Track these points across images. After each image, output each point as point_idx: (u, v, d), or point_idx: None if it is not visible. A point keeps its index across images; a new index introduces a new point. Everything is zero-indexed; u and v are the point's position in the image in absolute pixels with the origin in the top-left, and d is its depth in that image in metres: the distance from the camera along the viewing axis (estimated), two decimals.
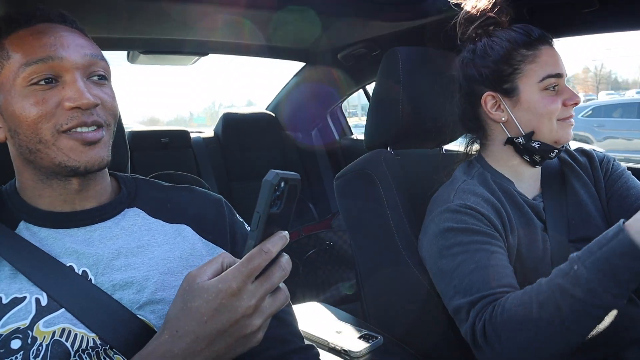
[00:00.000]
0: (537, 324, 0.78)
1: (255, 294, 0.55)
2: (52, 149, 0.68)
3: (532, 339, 0.79)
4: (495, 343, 0.82)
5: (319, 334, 1.09)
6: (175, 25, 1.68)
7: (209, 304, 0.54)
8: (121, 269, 0.71)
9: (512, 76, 1.02)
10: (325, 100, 2.62)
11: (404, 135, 1.28)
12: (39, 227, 0.72)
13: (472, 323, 0.87)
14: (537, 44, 1.01)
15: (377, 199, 1.21)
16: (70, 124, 0.68)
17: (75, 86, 0.68)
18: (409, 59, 1.25)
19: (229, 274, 0.55)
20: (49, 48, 0.68)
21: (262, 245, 0.55)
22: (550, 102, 1.00)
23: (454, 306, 0.92)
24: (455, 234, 0.96)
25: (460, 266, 0.93)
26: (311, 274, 2.29)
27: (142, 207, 0.80)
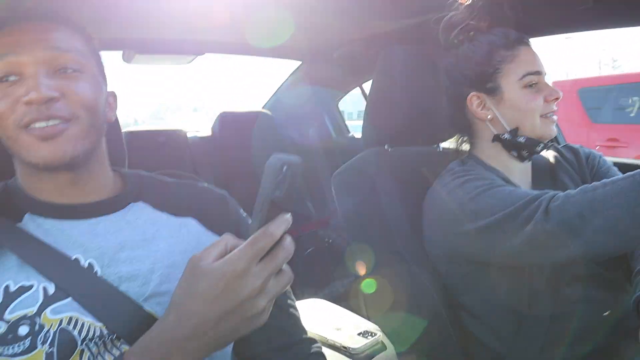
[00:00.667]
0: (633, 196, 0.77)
1: (260, 275, 0.55)
2: (16, 144, 0.69)
3: (627, 211, 0.77)
4: (589, 213, 0.80)
5: (319, 331, 1.10)
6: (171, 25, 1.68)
7: (215, 286, 0.54)
8: (126, 262, 0.72)
9: (494, 76, 1.06)
10: (322, 98, 2.62)
11: (401, 133, 1.29)
12: (43, 217, 0.73)
13: (545, 205, 0.85)
14: (515, 45, 1.06)
15: (374, 196, 1.22)
16: (26, 119, 0.67)
17: (32, 81, 0.68)
18: (406, 57, 1.25)
19: (234, 255, 0.55)
20: (9, 46, 0.69)
21: (266, 227, 0.55)
22: (532, 99, 1.05)
23: (509, 212, 0.89)
24: (471, 182, 0.99)
25: (495, 196, 0.94)
26: (310, 272, 2.30)
27: (147, 201, 0.81)
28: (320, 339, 1.08)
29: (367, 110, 1.35)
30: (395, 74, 1.24)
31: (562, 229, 0.82)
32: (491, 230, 0.92)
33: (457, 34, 1.11)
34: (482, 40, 1.08)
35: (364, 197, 1.25)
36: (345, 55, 2.06)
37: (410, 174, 1.27)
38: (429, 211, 1.09)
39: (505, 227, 0.90)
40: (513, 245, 0.89)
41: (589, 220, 0.79)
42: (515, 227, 0.88)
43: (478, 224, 0.94)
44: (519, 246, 0.88)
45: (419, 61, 1.28)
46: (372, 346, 1.06)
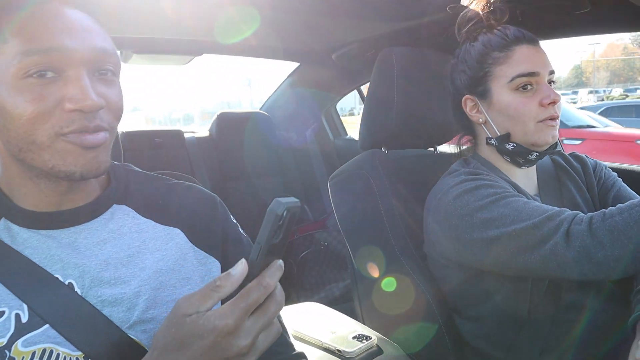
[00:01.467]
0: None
1: (251, 332, 0.52)
2: (46, 152, 0.60)
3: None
4: (608, 240, 0.79)
5: (313, 334, 1.09)
6: (169, 25, 1.67)
7: (204, 342, 0.52)
8: (110, 282, 0.66)
9: (484, 79, 1.04)
10: (320, 100, 2.62)
11: (398, 136, 1.28)
12: (19, 227, 0.65)
13: (567, 226, 0.83)
14: (510, 45, 1.01)
15: (371, 199, 1.22)
16: (71, 128, 0.59)
17: (79, 84, 0.59)
18: (404, 60, 1.25)
19: (227, 309, 0.52)
20: (53, 36, 0.58)
21: (260, 279, 0.53)
22: (522, 104, 1.00)
23: (527, 226, 0.86)
24: (480, 189, 0.95)
25: (508, 206, 0.90)
26: (305, 275, 2.30)
27: (132, 205, 0.73)
28: (314, 342, 1.08)
29: (364, 113, 1.34)
30: (392, 76, 1.23)
31: (581, 254, 0.81)
32: (502, 241, 0.89)
33: (467, 30, 1.08)
34: (480, 40, 1.05)
35: (361, 199, 1.25)
36: (343, 57, 2.06)
37: (407, 177, 1.27)
38: (433, 213, 1.05)
39: (520, 242, 0.86)
40: (527, 261, 0.86)
41: (609, 249, 0.78)
42: (532, 243, 0.85)
43: (488, 233, 0.90)
44: (534, 262, 0.86)
45: (416, 63, 1.28)
46: (367, 350, 1.05)
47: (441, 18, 1.45)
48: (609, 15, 1.24)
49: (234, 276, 0.53)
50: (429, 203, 1.08)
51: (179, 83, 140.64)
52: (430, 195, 1.09)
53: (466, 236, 0.94)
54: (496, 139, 1.05)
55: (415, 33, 1.61)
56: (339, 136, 2.82)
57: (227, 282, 0.53)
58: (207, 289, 0.53)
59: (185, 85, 77.29)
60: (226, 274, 0.53)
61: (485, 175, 1.01)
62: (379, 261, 1.21)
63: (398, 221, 1.19)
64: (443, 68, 1.31)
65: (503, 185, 0.98)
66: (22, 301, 0.61)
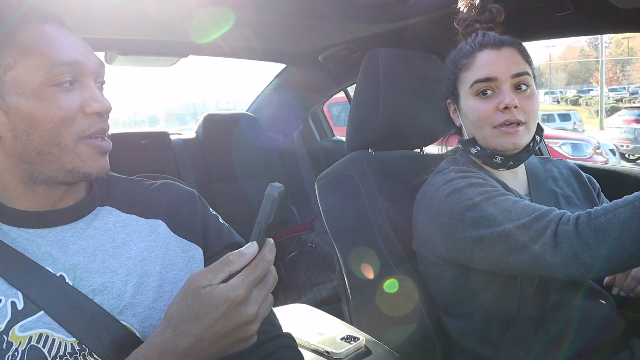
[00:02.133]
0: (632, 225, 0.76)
1: (257, 301, 0.60)
2: (68, 154, 0.67)
3: (634, 237, 0.76)
4: (594, 241, 0.79)
5: (301, 336, 1.09)
6: (155, 26, 1.66)
7: (218, 311, 0.58)
8: (99, 272, 0.70)
9: (455, 84, 1.08)
10: (307, 101, 2.62)
11: (384, 137, 1.29)
12: (8, 226, 0.69)
13: (554, 227, 0.82)
14: (474, 51, 1.04)
15: (358, 200, 1.22)
16: (92, 130, 0.68)
17: (94, 92, 0.69)
18: (390, 61, 1.26)
19: (237, 282, 0.58)
20: (75, 50, 0.68)
21: (262, 254, 0.60)
22: (477, 109, 1.01)
23: (516, 226, 0.86)
24: (471, 188, 0.95)
25: (498, 205, 0.90)
26: (293, 276, 2.29)
27: (115, 205, 0.78)
28: (303, 344, 1.08)
29: (351, 114, 1.34)
30: (379, 77, 1.24)
31: (569, 255, 0.81)
32: (492, 241, 0.89)
33: (461, 33, 1.10)
34: (457, 46, 1.08)
35: (348, 200, 1.25)
36: (329, 58, 2.06)
37: (394, 178, 1.27)
38: (424, 211, 1.05)
39: (509, 242, 0.87)
40: (516, 261, 0.87)
41: (594, 249, 0.79)
42: (521, 243, 0.86)
43: (478, 232, 0.91)
44: (522, 262, 0.86)
45: (402, 65, 1.29)
46: (356, 351, 1.05)
47: (426, 20, 1.46)
48: (591, 17, 1.26)
49: (245, 254, 0.60)
50: (419, 201, 1.09)
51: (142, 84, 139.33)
52: (420, 194, 1.10)
53: (456, 234, 0.95)
54: (461, 142, 1.09)
55: (400, 35, 1.62)
56: (326, 137, 2.82)
57: (240, 258, 0.60)
58: (220, 264, 0.60)
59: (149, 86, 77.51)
60: (238, 252, 0.60)
61: (475, 173, 1.01)
62: (367, 262, 1.21)
63: (385, 222, 1.20)
64: (428, 69, 1.32)
65: (493, 184, 0.99)
66: (17, 290, 0.65)
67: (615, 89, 31.92)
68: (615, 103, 27.52)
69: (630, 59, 34.62)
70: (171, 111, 63.11)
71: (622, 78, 34.37)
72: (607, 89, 30.42)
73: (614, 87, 32.21)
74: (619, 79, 34.18)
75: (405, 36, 1.61)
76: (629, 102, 27.60)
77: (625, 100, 28.18)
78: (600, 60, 24.91)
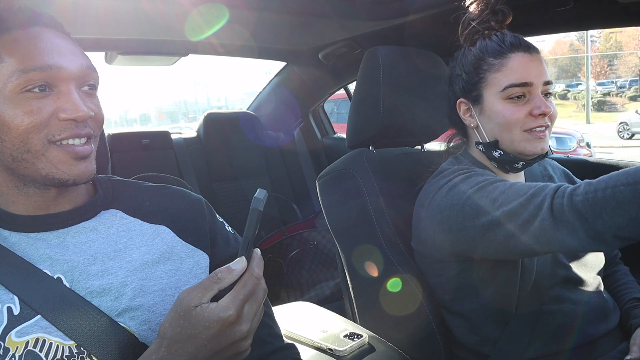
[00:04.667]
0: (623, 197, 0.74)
1: (249, 317, 0.60)
2: (40, 160, 0.66)
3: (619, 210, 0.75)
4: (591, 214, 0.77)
5: (304, 333, 1.09)
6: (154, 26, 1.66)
7: (210, 331, 0.58)
8: (98, 275, 0.69)
9: (478, 85, 1.03)
10: (307, 99, 2.62)
11: (385, 134, 1.29)
12: (9, 231, 0.69)
13: (550, 200, 0.81)
14: (506, 52, 1.00)
15: (359, 198, 1.22)
16: (63, 135, 0.66)
17: (70, 97, 0.66)
18: (390, 58, 1.26)
19: (227, 302, 0.58)
20: (47, 56, 0.65)
21: (251, 270, 0.61)
22: (511, 113, 0.99)
23: (513, 208, 0.86)
24: (469, 179, 0.96)
25: (496, 189, 0.90)
26: (295, 274, 2.29)
27: (120, 208, 0.77)
28: (306, 341, 1.08)
29: (351, 111, 1.34)
30: (379, 74, 1.24)
31: (566, 228, 0.79)
32: (494, 226, 0.89)
33: (468, 32, 1.07)
34: (478, 45, 1.05)
35: (349, 198, 1.25)
36: (330, 56, 2.06)
37: (395, 175, 1.27)
38: (426, 210, 1.05)
39: (510, 223, 0.86)
40: (520, 241, 0.86)
41: (591, 223, 0.77)
42: (521, 225, 0.85)
43: (480, 220, 0.90)
44: (528, 244, 0.85)
45: (402, 62, 1.29)
46: (359, 348, 1.05)
47: (425, 17, 1.46)
48: (591, 11, 1.26)
49: (234, 270, 0.60)
50: (421, 201, 1.09)
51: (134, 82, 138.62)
52: (422, 195, 1.10)
53: (458, 226, 0.95)
54: (483, 144, 1.05)
55: (400, 32, 1.61)
56: (327, 135, 2.82)
57: (229, 275, 0.60)
58: (209, 281, 0.60)
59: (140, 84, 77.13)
60: (226, 268, 0.60)
61: (473, 170, 1.02)
62: (369, 260, 1.22)
63: (387, 219, 1.20)
64: (428, 66, 1.31)
65: (491, 175, 0.98)
66: (14, 294, 0.65)
67: (603, 83, 31.75)
68: (602, 97, 27.57)
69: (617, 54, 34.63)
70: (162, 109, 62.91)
71: (609, 72, 34.31)
72: (595, 83, 30.39)
73: (601, 82, 32.02)
74: (606, 73, 34.11)
75: (405, 33, 1.61)
76: (616, 95, 27.66)
77: (612, 94, 28.22)
78: (586, 55, 24.92)
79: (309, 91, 2.52)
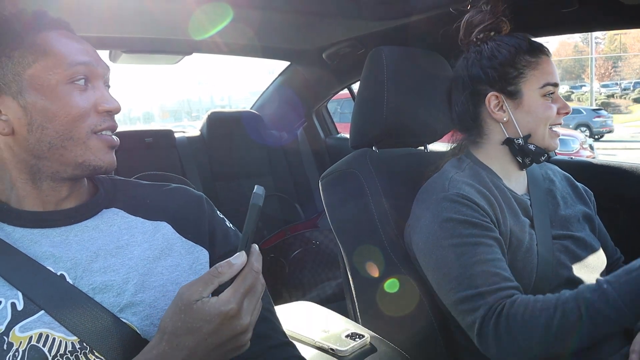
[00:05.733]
0: (553, 329, 0.84)
1: (249, 312, 0.61)
2: (80, 147, 0.71)
3: (541, 342, 0.85)
4: (506, 339, 0.88)
5: (306, 333, 1.09)
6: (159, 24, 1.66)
7: (211, 325, 0.59)
8: (100, 271, 0.71)
9: (517, 79, 1.06)
10: (311, 99, 2.62)
11: (388, 134, 1.29)
12: (13, 226, 0.71)
13: (482, 315, 0.91)
14: (538, 53, 1.07)
15: (362, 198, 1.22)
16: (104, 126, 0.72)
17: (104, 92, 0.74)
18: (393, 58, 1.25)
19: (228, 296, 0.59)
20: (88, 53, 0.73)
21: (250, 264, 0.61)
22: (548, 108, 1.06)
23: (457, 297, 0.95)
24: (454, 225, 0.98)
25: (460, 258, 0.96)
26: (297, 274, 2.29)
27: (121, 207, 0.79)
28: (307, 341, 1.08)
29: (354, 111, 1.34)
30: (382, 75, 1.24)
31: (490, 347, 0.91)
32: (442, 287, 0.99)
33: (479, 31, 1.11)
34: (507, 42, 1.08)
35: (352, 198, 1.25)
36: (333, 56, 2.06)
37: (398, 175, 1.27)
38: (417, 214, 1.08)
39: (450, 299, 0.97)
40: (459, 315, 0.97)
41: (509, 349, 0.89)
42: (456, 310, 0.97)
43: (435, 275, 1.01)
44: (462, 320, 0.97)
45: (406, 62, 1.28)
46: (361, 348, 1.05)
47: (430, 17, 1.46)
48: (596, 13, 1.25)
49: (234, 265, 0.60)
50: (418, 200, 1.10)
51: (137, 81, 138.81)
52: (419, 193, 1.12)
53: (427, 257, 1.03)
54: (522, 138, 1.08)
55: (404, 32, 1.61)
56: (330, 135, 2.82)
57: (229, 269, 0.60)
58: (209, 275, 0.60)
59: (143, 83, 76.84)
60: (227, 262, 0.61)
61: (475, 198, 1.02)
62: (371, 260, 1.22)
63: (389, 219, 1.20)
64: (432, 67, 1.31)
65: (486, 221, 1.00)
66: (18, 290, 0.66)
67: (607, 84, 31.72)
68: (606, 99, 27.51)
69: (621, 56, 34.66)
70: (166, 108, 62.94)
71: (613, 74, 34.35)
72: (599, 84, 30.40)
73: (605, 83, 32.01)
74: (610, 75, 34.14)
75: (409, 34, 1.60)
76: (620, 97, 27.62)
77: (616, 95, 28.18)
78: (590, 57, 24.95)
79: (313, 91, 2.52)
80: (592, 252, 1.10)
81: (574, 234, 1.10)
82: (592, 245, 1.11)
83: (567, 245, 1.07)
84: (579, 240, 1.09)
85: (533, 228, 1.07)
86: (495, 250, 0.97)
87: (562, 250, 1.06)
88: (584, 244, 1.10)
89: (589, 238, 1.12)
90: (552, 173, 1.22)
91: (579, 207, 1.16)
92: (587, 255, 1.08)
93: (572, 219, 1.13)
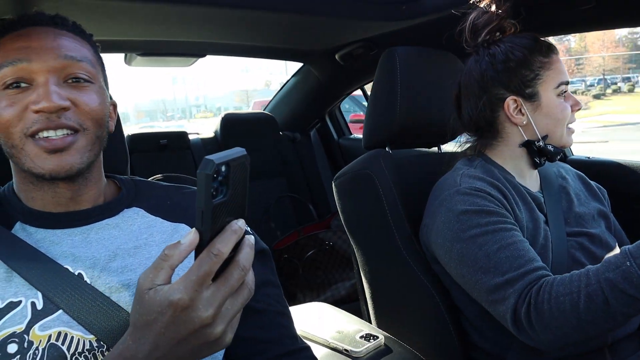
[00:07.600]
0: (582, 315, 0.81)
1: (211, 302, 0.50)
2: (21, 154, 0.68)
3: (575, 327, 0.83)
4: (539, 328, 0.86)
5: (320, 334, 1.09)
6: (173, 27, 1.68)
7: (164, 317, 0.50)
8: (117, 271, 0.71)
9: (534, 81, 1.05)
10: (324, 100, 2.62)
11: (401, 135, 1.28)
12: (35, 227, 0.72)
13: (513, 304, 0.89)
14: (550, 52, 1.06)
15: (376, 199, 1.21)
16: (35, 128, 0.67)
17: (43, 89, 0.67)
18: (407, 58, 1.25)
19: (179, 283, 0.50)
20: (20, 51, 0.68)
21: (210, 247, 0.49)
22: (565, 108, 1.06)
23: (486, 287, 0.93)
24: (470, 216, 0.97)
25: (482, 248, 0.95)
26: (311, 275, 2.30)
27: (142, 206, 0.80)
28: (321, 341, 1.08)
29: (368, 112, 1.34)
30: (396, 75, 1.23)
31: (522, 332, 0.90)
32: (468, 280, 0.97)
33: (487, 33, 1.08)
34: (517, 43, 1.05)
35: (366, 199, 1.24)
36: (347, 56, 2.06)
37: (411, 176, 1.27)
38: (432, 212, 1.07)
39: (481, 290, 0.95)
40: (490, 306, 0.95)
41: (542, 334, 0.86)
42: (485, 300, 0.95)
43: (460, 270, 0.98)
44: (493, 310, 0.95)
45: (419, 62, 1.28)
46: (375, 349, 1.05)
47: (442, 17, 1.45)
48: (614, 10, 1.24)
49: (182, 244, 0.51)
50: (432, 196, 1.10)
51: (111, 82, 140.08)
52: (433, 189, 1.11)
53: (448, 252, 1.01)
54: (543, 139, 1.07)
55: (417, 32, 1.61)
56: (344, 136, 2.82)
57: (176, 250, 0.51)
58: (159, 259, 0.52)
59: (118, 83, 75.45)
60: (175, 243, 0.52)
61: (481, 191, 1.00)
62: (385, 261, 1.21)
63: (403, 220, 1.19)
64: (445, 67, 1.30)
65: (501, 209, 0.99)
66: (37, 290, 0.67)
67: (572, 81, 31.66)
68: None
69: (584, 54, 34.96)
70: (141, 108, 62.60)
71: (576, 71, 34.59)
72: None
73: (571, 80, 32.18)
74: (573, 72, 34.35)
75: (422, 34, 1.60)
76: (582, 94, 27.59)
77: (578, 92, 28.03)
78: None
79: (326, 92, 2.52)
80: (607, 249, 1.08)
81: (589, 230, 1.08)
82: (608, 242, 1.09)
83: (582, 242, 1.06)
84: (594, 237, 1.08)
85: (547, 225, 1.06)
86: (516, 234, 0.96)
87: (577, 247, 1.05)
88: (600, 240, 1.08)
89: (605, 235, 1.10)
90: (564, 171, 1.21)
91: (593, 205, 1.15)
92: (603, 252, 1.07)
93: (587, 216, 1.11)
